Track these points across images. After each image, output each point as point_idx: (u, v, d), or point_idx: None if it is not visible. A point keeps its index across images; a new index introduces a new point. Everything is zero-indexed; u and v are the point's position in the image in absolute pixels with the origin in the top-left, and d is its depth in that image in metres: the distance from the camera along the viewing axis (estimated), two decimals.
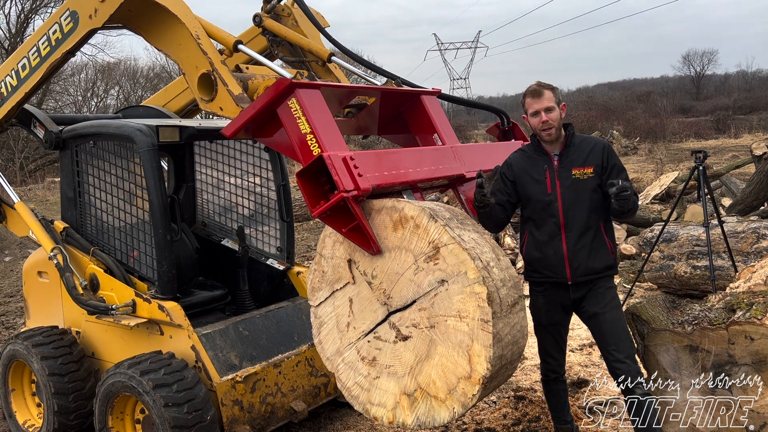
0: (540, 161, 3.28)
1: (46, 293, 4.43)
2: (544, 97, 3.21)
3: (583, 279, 3.23)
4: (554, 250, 3.24)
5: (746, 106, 41.16)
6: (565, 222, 3.22)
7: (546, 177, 3.25)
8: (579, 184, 3.22)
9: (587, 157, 3.24)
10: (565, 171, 3.24)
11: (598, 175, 3.22)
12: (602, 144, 3.31)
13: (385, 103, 3.43)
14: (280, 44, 4.01)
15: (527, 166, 3.30)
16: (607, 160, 3.24)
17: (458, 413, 2.37)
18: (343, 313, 2.68)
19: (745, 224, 6.32)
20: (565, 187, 3.22)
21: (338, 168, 2.42)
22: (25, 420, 4.33)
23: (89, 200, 4.19)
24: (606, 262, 3.25)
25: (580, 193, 3.21)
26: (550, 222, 3.24)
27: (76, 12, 3.53)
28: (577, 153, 3.26)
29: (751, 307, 3.44)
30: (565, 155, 3.26)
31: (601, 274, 3.25)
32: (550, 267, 3.27)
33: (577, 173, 3.22)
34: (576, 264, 3.22)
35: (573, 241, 3.21)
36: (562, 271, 3.24)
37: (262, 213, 4.70)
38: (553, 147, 3.28)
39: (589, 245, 3.22)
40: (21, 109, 4.23)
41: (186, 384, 3.37)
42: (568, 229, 3.22)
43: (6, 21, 25.01)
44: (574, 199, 3.21)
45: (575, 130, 3.39)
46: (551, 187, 3.23)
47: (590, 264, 3.22)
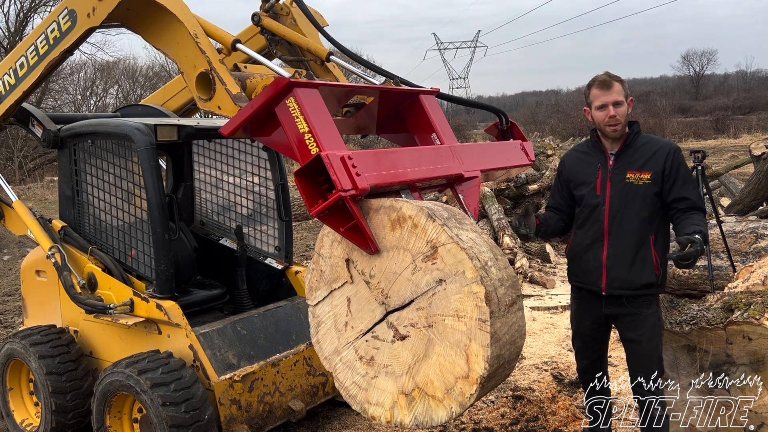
0: (594, 159, 3.06)
1: (44, 292, 4.43)
2: (613, 89, 2.94)
3: (619, 293, 2.99)
4: (593, 256, 3.03)
5: (745, 106, 41.22)
6: (609, 228, 2.98)
7: (597, 177, 3.02)
8: (632, 190, 2.94)
9: (647, 161, 2.93)
10: (620, 173, 2.97)
11: (656, 183, 2.91)
12: (669, 148, 2.96)
13: (383, 103, 3.43)
14: (279, 43, 4.01)
15: (581, 164, 3.10)
16: (670, 167, 2.90)
17: (456, 413, 2.36)
18: (341, 313, 2.67)
19: (744, 224, 6.32)
20: (616, 190, 2.97)
21: (336, 167, 2.42)
22: (23, 419, 4.33)
23: (87, 199, 4.19)
24: (647, 278, 2.95)
25: (631, 199, 2.94)
26: (595, 226, 3.03)
27: (75, 11, 3.53)
28: (637, 155, 2.96)
29: (749, 307, 3.44)
30: (623, 156, 2.99)
31: (638, 291, 2.97)
32: (586, 273, 3.09)
33: (632, 177, 2.94)
34: (613, 275, 2.99)
35: (614, 250, 2.97)
36: (598, 279, 3.03)
37: (261, 212, 4.69)
38: (613, 145, 3.02)
39: (631, 257, 2.95)
40: (19, 108, 4.23)
41: (184, 383, 3.36)
42: (612, 236, 2.98)
43: (5, 19, 25.01)
44: (623, 204, 2.95)
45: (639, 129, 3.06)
46: (600, 189, 3.01)
47: (628, 277, 2.95)
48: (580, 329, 3.24)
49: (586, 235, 3.08)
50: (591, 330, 3.19)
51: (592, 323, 3.16)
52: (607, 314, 3.07)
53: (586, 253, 3.07)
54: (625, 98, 2.97)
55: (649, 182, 2.92)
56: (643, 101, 39.23)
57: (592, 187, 3.04)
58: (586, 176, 3.07)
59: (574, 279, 3.21)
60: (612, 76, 2.99)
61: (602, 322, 3.13)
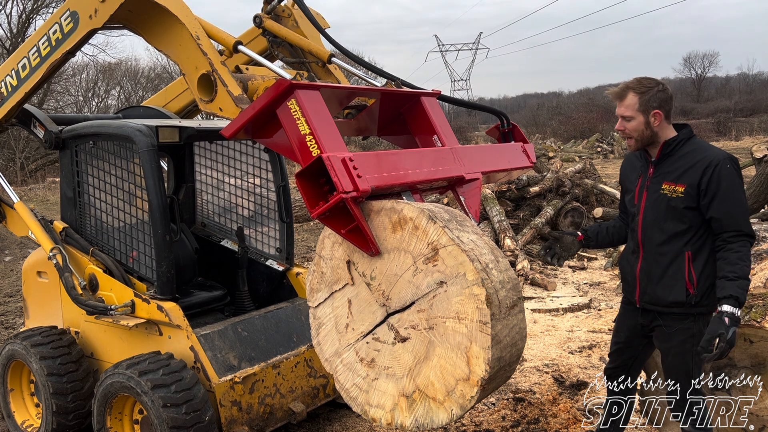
0: (640, 166, 2.93)
1: (45, 293, 4.43)
2: (624, 102, 2.79)
3: (650, 307, 2.90)
4: (630, 267, 2.96)
5: (747, 109, 41.21)
6: (642, 239, 2.87)
7: (637, 185, 2.91)
8: (665, 202, 2.78)
9: (685, 172, 2.74)
10: (657, 183, 2.82)
11: (690, 197, 2.72)
12: (711, 160, 2.70)
13: (384, 105, 3.43)
14: (281, 45, 4.01)
15: (630, 169, 2.99)
16: (708, 181, 2.67)
17: (456, 415, 2.36)
18: (342, 315, 2.67)
19: None
20: (650, 201, 2.83)
21: (337, 169, 2.42)
22: (24, 420, 4.33)
23: (89, 200, 4.19)
24: (676, 296, 2.78)
25: (663, 211, 2.79)
26: (633, 235, 2.95)
27: (77, 12, 3.53)
28: (677, 165, 2.77)
29: (751, 309, 3.44)
30: (662, 165, 2.83)
31: (667, 309, 2.84)
32: (627, 282, 3.03)
33: (666, 188, 2.77)
34: (643, 287, 2.90)
35: (647, 263, 2.87)
36: (633, 290, 2.96)
37: (262, 214, 4.70)
38: (654, 152, 2.85)
39: (661, 272, 2.82)
40: (21, 109, 4.23)
41: (184, 384, 3.37)
42: (645, 248, 2.87)
43: (7, 21, 25.05)
44: (656, 216, 2.81)
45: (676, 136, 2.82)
46: (638, 198, 2.89)
47: (657, 293, 2.84)
48: (618, 332, 3.18)
49: (629, 244, 3.00)
50: (626, 337, 3.12)
51: (629, 330, 3.09)
52: (643, 324, 2.99)
53: (627, 262, 3.00)
54: (642, 111, 2.77)
55: (682, 195, 2.73)
56: None
57: (632, 195, 2.94)
58: (630, 183, 2.97)
59: (623, 286, 3.14)
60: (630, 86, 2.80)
61: (638, 331, 3.03)
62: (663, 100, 2.78)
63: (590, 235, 3.23)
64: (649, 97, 2.77)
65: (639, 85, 2.78)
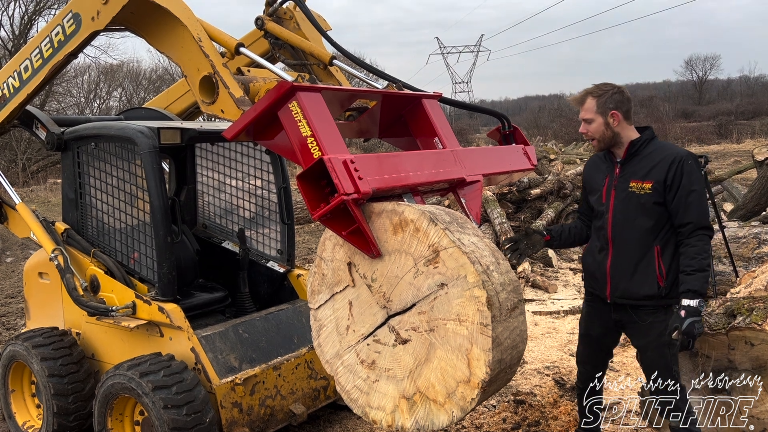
0: (605, 167, 3.06)
1: (46, 294, 4.44)
2: (584, 106, 2.97)
3: (622, 302, 3.00)
4: (600, 264, 3.05)
5: (748, 111, 41.17)
6: (613, 237, 2.98)
7: (604, 185, 3.02)
8: (634, 199, 2.91)
9: (651, 170, 2.88)
10: (624, 181, 2.96)
11: (658, 193, 2.87)
12: (675, 157, 2.87)
13: (386, 107, 3.44)
14: (282, 47, 4.02)
15: (595, 170, 3.12)
16: (675, 177, 2.83)
17: (457, 417, 2.36)
18: (343, 316, 2.68)
19: (747, 229, 6.32)
20: (618, 199, 2.96)
21: (338, 171, 2.42)
22: (25, 421, 4.33)
23: (90, 202, 4.20)
24: (647, 290, 2.92)
25: (633, 209, 2.92)
26: (601, 233, 3.04)
27: (79, 14, 3.54)
28: (642, 163, 2.92)
29: (752, 312, 3.44)
30: (628, 164, 2.97)
31: (640, 302, 2.96)
32: (595, 279, 3.11)
33: (634, 186, 2.91)
34: (615, 283, 3.00)
35: (617, 259, 2.98)
36: (604, 287, 3.05)
37: (263, 215, 4.70)
38: (620, 153, 3.00)
39: (633, 267, 2.94)
40: (23, 111, 4.24)
41: (185, 386, 3.37)
42: (615, 245, 2.98)
43: (9, 22, 25.12)
44: (625, 214, 2.94)
45: None
46: (606, 197, 3.01)
47: (630, 288, 2.95)
48: (588, 332, 3.25)
49: (596, 242, 3.09)
50: (600, 334, 3.20)
51: (602, 327, 3.16)
52: (616, 320, 3.08)
53: (595, 260, 3.09)
54: (601, 113, 2.94)
55: (650, 192, 2.88)
56: (646, 106, 39.24)
57: (599, 195, 3.05)
58: (596, 183, 3.08)
59: (587, 283, 3.23)
60: (589, 90, 2.99)
61: (611, 327, 3.13)
62: (619, 101, 2.94)
63: (554, 236, 3.32)
64: (606, 99, 2.94)
65: (596, 89, 2.97)
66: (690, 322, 2.72)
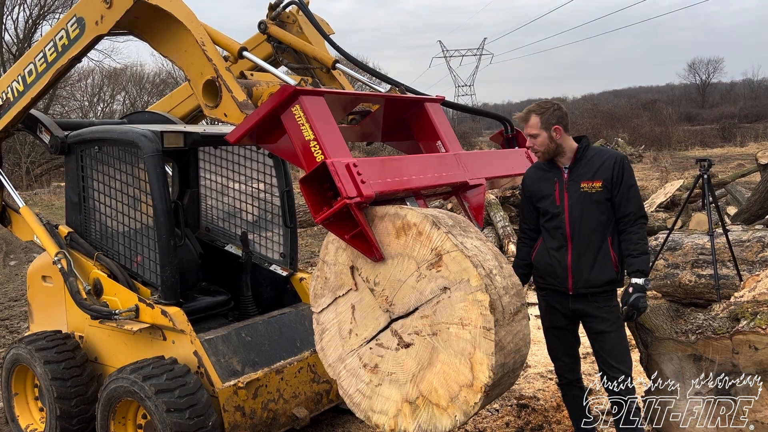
0: (552, 175, 3.32)
1: (50, 298, 4.45)
2: (529, 123, 3.26)
3: (584, 291, 3.27)
4: (560, 261, 3.28)
5: (752, 115, 41.08)
6: (571, 234, 3.26)
7: (555, 190, 3.29)
8: (587, 198, 3.24)
9: (597, 171, 3.25)
10: (575, 184, 3.26)
11: (607, 189, 3.23)
12: (615, 158, 3.30)
13: (388, 110, 3.44)
14: (285, 51, 4.03)
15: (539, 179, 3.36)
16: (618, 175, 3.23)
17: (460, 421, 2.36)
18: (346, 320, 2.67)
19: (750, 233, 6.29)
20: (573, 200, 3.25)
21: (341, 175, 2.43)
22: (28, 424, 4.34)
23: (94, 205, 4.20)
24: (608, 276, 3.26)
25: (588, 206, 3.23)
26: (558, 233, 3.29)
27: (83, 18, 3.56)
28: (588, 166, 3.27)
29: (756, 316, 3.42)
30: (576, 168, 3.29)
31: (601, 288, 3.26)
32: (554, 275, 3.32)
33: (585, 186, 3.24)
34: (578, 276, 3.25)
35: (578, 254, 3.25)
36: (565, 281, 3.28)
37: (266, 219, 4.71)
38: (564, 160, 3.32)
39: (593, 259, 3.24)
40: (27, 114, 4.26)
41: (188, 389, 3.37)
42: (574, 241, 3.26)
43: (14, 26, 25.23)
44: (581, 212, 3.24)
45: None
46: (559, 200, 3.28)
47: (591, 277, 3.24)
48: (554, 323, 3.43)
49: (552, 242, 3.31)
50: (565, 324, 3.40)
51: (564, 317, 3.38)
52: (574, 309, 3.31)
53: (553, 257, 3.30)
54: (545, 128, 3.22)
55: (601, 189, 3.22)
56: (650, 109, 39.19)
57: (552, 199, 3.29)
58: (545, 190, 3.32)
59: (541, 281, 3.43)
60: (532, 109, 3.28)
61: (571, 316, 3.36)
62: (559, 117, 3.27)
63: (525, 280, 3.50)
64: (548, 116, 3.23)
65: (538, 107, 3.27)
66: (636, 297, 3.12)
